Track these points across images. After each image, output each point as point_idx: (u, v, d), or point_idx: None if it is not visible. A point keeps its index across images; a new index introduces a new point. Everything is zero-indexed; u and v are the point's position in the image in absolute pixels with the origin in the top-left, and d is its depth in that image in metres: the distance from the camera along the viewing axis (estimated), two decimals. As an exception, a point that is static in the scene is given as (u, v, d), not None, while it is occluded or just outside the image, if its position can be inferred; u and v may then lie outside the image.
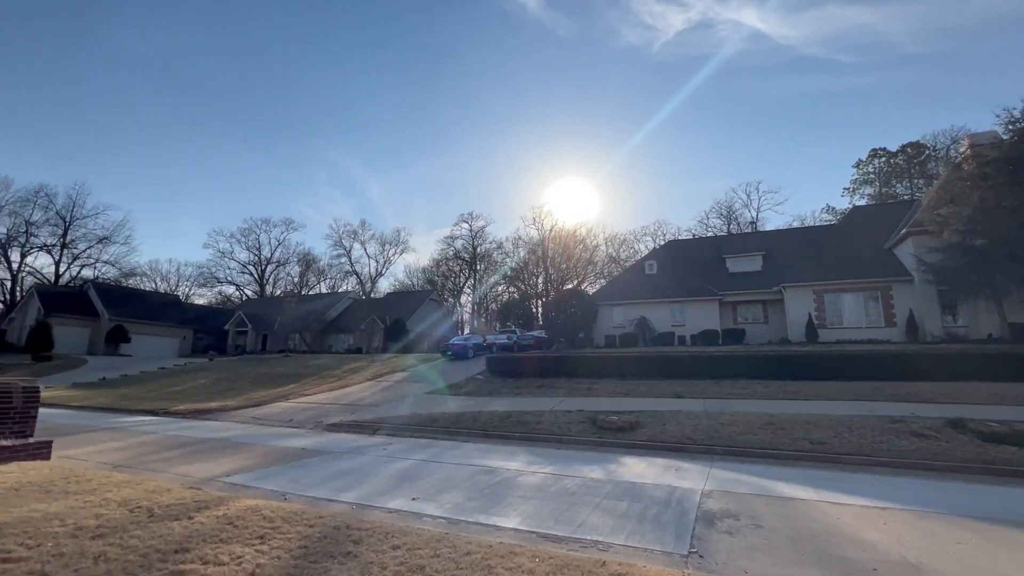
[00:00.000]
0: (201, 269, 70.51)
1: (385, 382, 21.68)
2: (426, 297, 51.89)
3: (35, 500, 5.67)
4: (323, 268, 73.64)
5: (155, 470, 8.03)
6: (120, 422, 14.61)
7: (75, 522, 4.90)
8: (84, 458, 8.86)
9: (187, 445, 10.55)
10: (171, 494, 6.11)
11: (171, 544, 4.36)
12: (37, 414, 8.85)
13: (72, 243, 55.51)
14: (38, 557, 4.00)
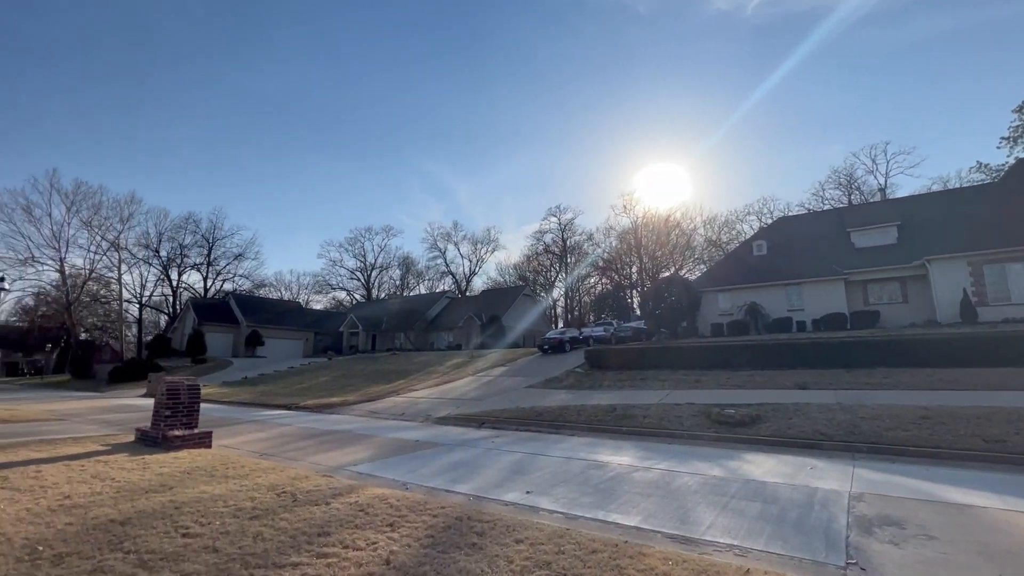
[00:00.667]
0: (316, 277, 78.10)
1: (485, 377, 22.23)
2: (519, 293, 52.55)
3: (203, 483, 6.49)
4: (421, 270, 77.75)
5: (293, 458, 8.87)
6: (261, 415, 16.49)
7: (235, 504, 5.50)
8: (236, 447, 10.05)
9: (316, 436, 11.57)
10: (309, 481, 6.67)
11: (314, 527, 4.71)
12: (199, 408, 10.22)
13: (215, 261, 64.22)
14: (210, 534, 4.52)
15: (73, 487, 6.18)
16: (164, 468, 7.35)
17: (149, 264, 58.72)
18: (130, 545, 4.21)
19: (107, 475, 6.85)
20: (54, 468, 7.28)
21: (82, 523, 4.80)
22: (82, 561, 3.87)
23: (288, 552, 4.09)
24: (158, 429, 9.54)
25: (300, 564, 3.85)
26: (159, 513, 5.13)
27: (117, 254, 51.80)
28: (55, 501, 5.56)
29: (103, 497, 5.75)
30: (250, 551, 4.10)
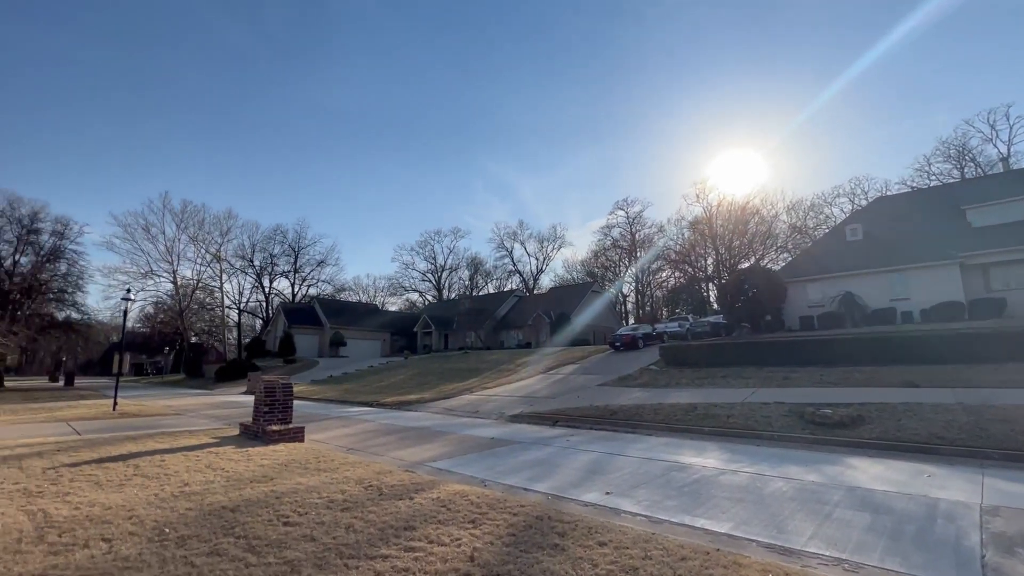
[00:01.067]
0: (390, 280, 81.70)
1: (556, 375, 22.12)
2: (587, 289, 51.83)
3: (299, 475, 6.96)
4: (489, 270, 79.01)
5: (376, 453, 9.30)
6: (346, 412, 17.49)
7: (328, 496, 5.84)
8: (326, 441, 10.72)
9: (397, 432, 12.06)
10: (393, 476, 6.95)
11: (400, 521, 4.88)
12: (292, 405, 11.01)
13: (300, 268, 69.25)
14: (307, 523, 4.82)
15: (191, 475, 6.87)
16: (265, 460, 7.97)
17: (245, 273, 64.55)
18: (240, 531, 4.58)
19: (218, 465, 7.55)
20: (174, 458, 8.14)
21: (199, 509, 5.30)
22: (201, 543, 4.26)
23: (378, 544, 4.26)
24: (258, 424, 10.40)
25: (389, 556, 3.99)
26: (262, 502, 5.55)
27: (218, 265, 57.36)
28: (177, 488, 6.20)
29: (215, 486, 6.33)
30: (343, 542, 4.31)
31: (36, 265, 42.13)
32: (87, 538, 4.39)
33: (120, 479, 6.64)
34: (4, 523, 4.79)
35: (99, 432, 11.72)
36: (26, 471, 7.10)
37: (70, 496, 5.79)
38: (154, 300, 55.90)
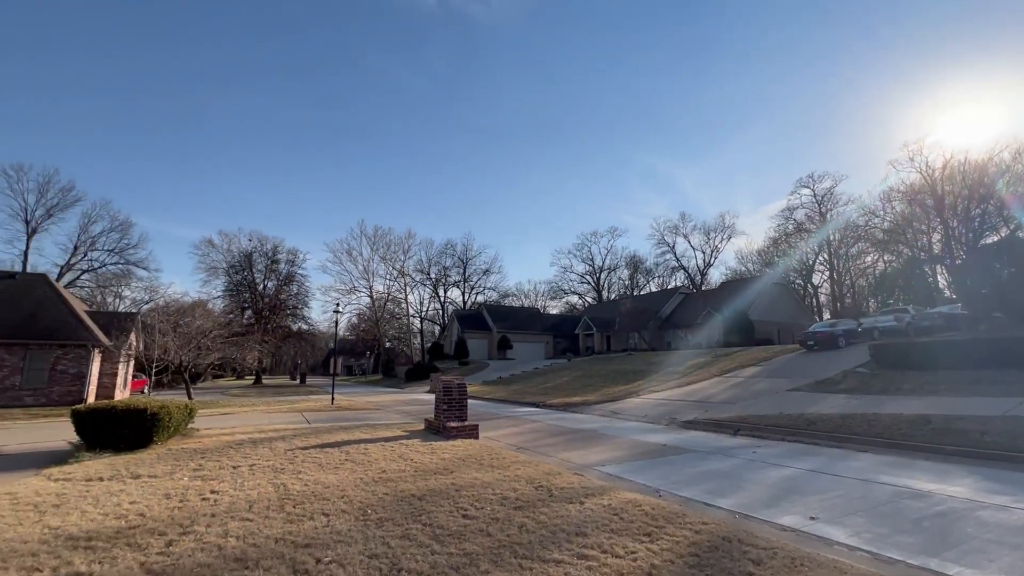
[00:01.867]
0: (550, 284, 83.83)
1: (734, 378, 19.97)
2: (767, 282, 46.09)
3: (475, 470, 7.37)
4: (650, 268, 75.74)
5: (544, 454, 9.42)
6: (514, 412, 18.27)
7: (501, 493, 6.02)
8: (497, 439, 11.26)
9: (563, 434, 12.11)
10: (562, 478, 6.91)
11: (571, 526, 4.76)
12: (467, 404, 11.82)
13: (469, 277, 75.49)
14: (483, 518, 5.01)
15: (387, 464, 7.78)
16: (446, 454, 8.66)
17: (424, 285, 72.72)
18: (426, 519, 4.96)
19: (408, 456, 8.44)
20: (375, 447, 9.35)
21: (394, 494, 5.93)
22: (395, 527, 4.72)
23: (549, 547, 4.20)
24: (439, 420, 11.40)
25: (562, 562, 3.88)
26: (444, 493, 5.97)
27: (402, 280, 65.75)
28: (376, 474, 7.06)
29: (406, 474, 7.05)
30: (516, 540, 4.35)
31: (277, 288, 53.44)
32: (312, 511, 5.21)
33: (336, 463, 7.84)
34: (259, 493, 5.98)
35: (322, 422, 14.18)
36: (274, 451, 8.86)
37: (302, 474, 7.00)
38: (357, 312, 66.41)
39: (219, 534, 4.48)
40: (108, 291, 49.73)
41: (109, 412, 8.98)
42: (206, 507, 5.36)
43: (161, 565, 3.78)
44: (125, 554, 4.00)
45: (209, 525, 4.73)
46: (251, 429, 12.24)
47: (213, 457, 8.24)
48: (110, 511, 5.18)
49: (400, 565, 3.80)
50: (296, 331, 55.04)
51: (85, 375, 22.11)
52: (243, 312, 51.10)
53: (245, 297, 53.08)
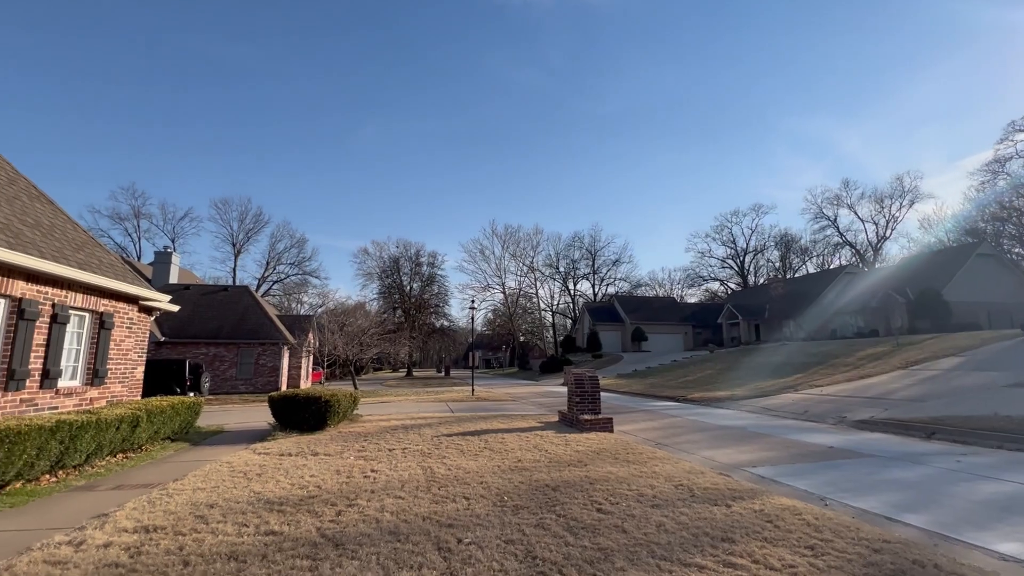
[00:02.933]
0: (686, 271, 78.64)
1: (925, 371, 16.66)
2: (969, 253, 37.54)
3: (609, 463, 7.21)
4: (805, 246, 66.91)
5: (684, 450, 8.84)
6: (651, 405, 17.52)
7: (637, 489, 5.79)
8: (632, 433, 10.89)
9: (706, 430, 11.25)
10: (705, 477, 6.41)
11: (716, 530, 4.38)
12: (600, 397, 11.64)
13: (598, 269, 74.29)
14: (618, 514, 4.86)
15: (522, 453, 8.00)
16: (579, 446, 8.62)
17: (553, 279, 73.48)
18: (560, 510, 4.98)
19: (542, 447, 8.58)
20: (511, 437, 9.69)
21: (528, 483, 6.06)
22: (530, 515, 4.81)
23: (691, 551, 3.91)
24: (572, 412, 11.40)
25: (705, 568, 3.58)
26: (578, 486, 5.94)
27: (533, 275, 67.30)
28: (513, 462, 7.30)
29: (540, 464, 7.17)
30: (654, 540, 4.13)
31: (421, 288, 58.46)
32: (454, 494, 5.56)
33: (475, 450, 8.29)
34: (410, 474, 6.58)
35: (463, 411, 15.14)
36: (422, 437, 9.69)
37: (445, 459, 7.53)
38: (492, 308, 69.72)
39: (377, 508, 5.01)
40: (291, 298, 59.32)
41: (294, 399, 10.66)
42: (367, 484, 6.04)
43: (332, 531, 4.35)
44: (306, 519, 4.68)
45: (369, 500, 5.32)
46: (404, 416, 13.57)
47: (373, 440, 9.30)
48: (296, 482, 6.13)
49: (534, 553, 3.85)
50: (439, 327, 59.79)
51: (279, 368, 26.65)
52: (394, 312, 57.03)
53: (395, 298, 59.17)
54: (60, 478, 6.44)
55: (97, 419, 6.84)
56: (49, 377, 7.53)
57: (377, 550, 3.90)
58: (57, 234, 8.29)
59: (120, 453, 7.82)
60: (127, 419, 7.57)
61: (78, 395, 8.29)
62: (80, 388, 8.36)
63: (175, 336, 25.11)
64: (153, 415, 8.42)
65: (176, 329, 25.35)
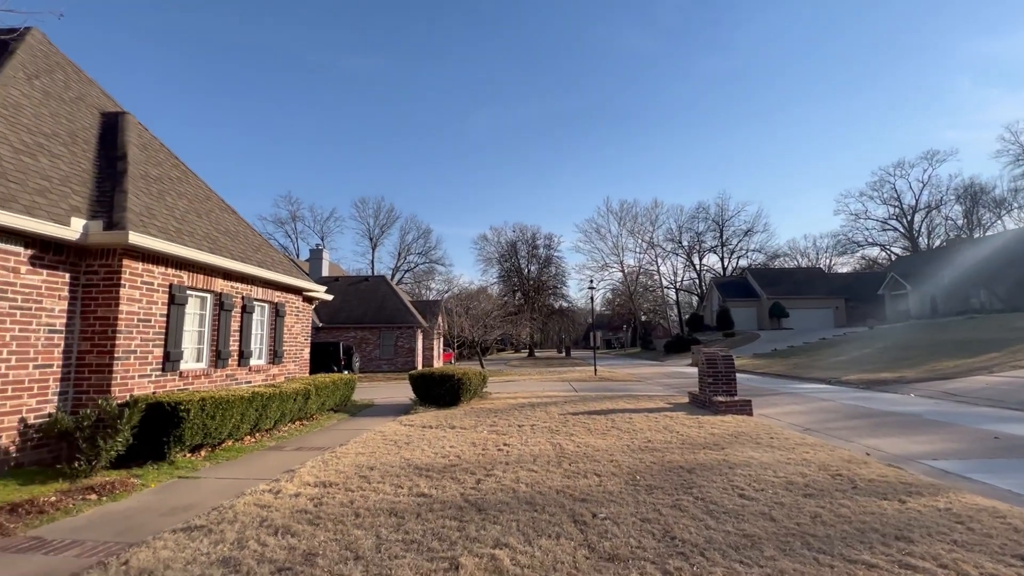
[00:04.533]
0: (836, 237, 68.92)
1: None
2: None
3: (750, 448, 6.71)
4: (1000, 197, 54.57)
5: (841, 438, 7.87)
6: (796, 388, 15.85)
7: (785, 476, 5.32)
8: (775, 417, 9.97)
9: (867, 416, 9.89)
10: (869, 468, 5.66)
11: (888, 527, 3.86)
12: (735, 377, 10.84)
13: (727, 241, 68.50)
14: (764, 500, 4.52)
15: (652, 434, 7.80)
16: (715, 429, 8.15)
17: (676, 254, 69.53)
18: (697, 492, 4.78)
19: (673, 428, 8.27)
20: (639, 417, 9.49)
21: (660, 464, 5.90)
22: (665, 496, 4.69)
23: (856, 546, 3.49)
24: (704, 394, 10.79)
25: (876, 567, 3.18)
26: (715, 469, 5.63)
27: (653, 251, 64.39)
28: (642, 442, 7.16)
29: (672, 445, 6.93)
30: (809, 531, 3.77)
31: (539, 271, 59.38)
32: (585, 470, 5.64)
33: (603, 429, 8.29)
34: (540, 449, 6.81)
35: (587, 391, 15.18)
36: (548, 414, 9.94)
37: (573, 436, 7.65)
38: (610, 287, 68.39)
39: (513, 480, 5.28)
40: (421, 284, 64.26)
41: (431, 376, 11.61)
42: (501, 456, 6.39)
43: (474, 497, 4.69)
44: (450, 485, 5.11)
45: (504, 471, 5.63)
46: (529, 395, 14.03)
47: (503, 416, 9.77)
48: (438, 451, 6.71)
49: (673, 533, 3.75)
50: (558, 308, 60.34)
51: (414, 348, 29.20)
52: (514, 294, 58.80)
53: (514, 281, 60.93)
54: (257, 439, 7.84)
55: (280, 391, 8.17)
56: (244, 357, 9.15)
57: (516, 517, 4.12)
58: (241, 239, 9.95)
59: (296, 421, 9.25)
60: (301, 392, 8.92)
61: (264, 371, 9.95)
62: (265, 366, 10.03)
63: (328, 322, 28.79)
64: (320, 389, 9.80)
65: (329, 316, 29.04)
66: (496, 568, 3.18)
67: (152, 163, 8.95)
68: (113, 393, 6.26)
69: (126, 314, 6.52)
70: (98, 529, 4.06)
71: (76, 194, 6.67)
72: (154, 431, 6.07)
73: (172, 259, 7.32)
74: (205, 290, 8.24)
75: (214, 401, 6.55)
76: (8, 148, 6.20)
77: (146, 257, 6.89)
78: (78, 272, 6.41)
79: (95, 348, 6.34)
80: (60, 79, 8.88)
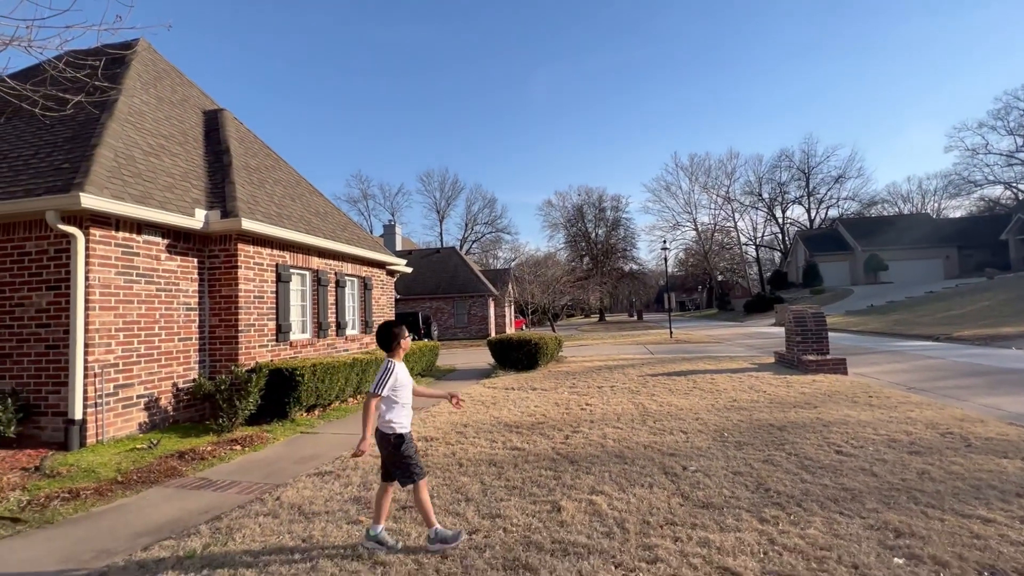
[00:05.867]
0: (948, 177, 60.74)
1: None
2: None
3: (846, 407, 6.46)
4: None
5: (951, 396, 7.31)
6: (896, 346, 14.68)
7: (887, 434, 5.12)
8: (874, 376, 9.39)
9: (984, 374, 9.04)
10: (985, 426, 5.29)
11: (1007, 484, 3.66)
12: (827, 335, 10.28)
13: (815, 190, 62.75)
14: (864, 456, 4.41)
15: (737, 393, 7.69)
16: (805, 388, 7.87)
17: (756, 208, 64.90)
18: (789, 448, 4.74)
19: (759, 387, 8.09)
20: (721, 377, 9.34)
21: (748, 422, 5.86)
22: (755, 451, 4.71)
23: (970, 502, 3.37)
24: (792, 353, 10.35)
25: (993, 521, 3.07)
26: (808, 427, 5.51)
27: (729, 206, 60.65)
28: (727, 401, 7.09)
29: (759, 404, 6.81)
30: (916, 487, 3.67)
31: (607, 234, 58.16)
32: (670, 428, 5.74)
33: (684, 389, 8.27)
34: (622, 408, 6.97)
35: (663, 353, 15.02)
36: (627, 376, 10.03)
37: (655, 396, 7.72)
38: (684, 247, 65.58)
39: (599, 436, 5.51)
40: (488, 254, 65.29)
41: (508, 342, 12.04)
42: (584, 415, 6.64)
43: (564, 450, 4.98)
44: (540, 440, 5.44)
45: (591, 428, 5.87)
46: (604, 358, 14.14)
47: (581, 378, 10.00)
48: (523, 410, 7.08)
49: (767, 485, 3.81)
50: (628, 272, 59.02)
51: (487, 316, 30.08)
52: (582, 259, 58.18)
53: (582, 246, 60.15)
54: (359, 401, 8.66)
55: (375, 357, 8.90)
56: (340, 327, 10.02)
57: (607, 469, 4.35)
58: (330, 219, 10.72)
59: (391, 384, 10.05)
60: (393, 358, 9.65)
61: (358, 340, 10.83)
62: (358, 335, 10.91)
63: (405, 294, 30.30)
64: (408, 355, 10.53)
65: (406, 288, 30.53)
66: (595, 511, 3.43)
67: (250, 154, 9.80)
68: (240, 361, 7.17)
69: (244, 292, 7.36)
70: (248, 472, 4.80)
71: (195, 188, 7.53)
72: (276, 394, 6.91)
73: (276, 241, 8.10)
74: (304, 268, 9.05)
75: (323, 367, 7.31)
76: (140, 151, 7.09)
77: (255, 240, 7.68)
78: (203, 256, 7.30)
79: (223, 323, 7.27)
80: (167, 84, 9.86)
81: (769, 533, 3.02)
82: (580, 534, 3.08)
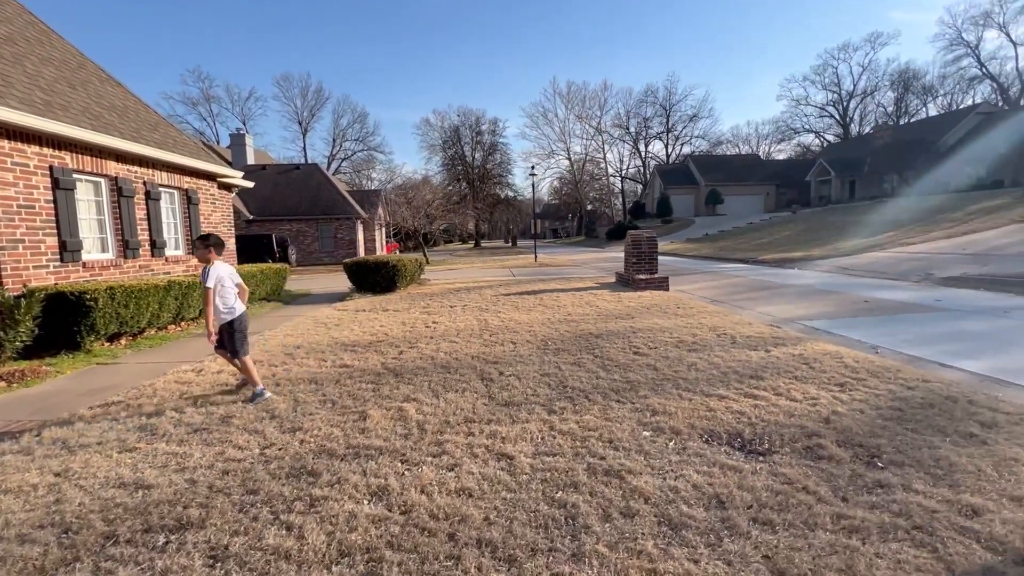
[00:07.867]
0: (777, 124, 69.75)
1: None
2: None
3: (656, 316, 7.41)
4: (929, 84, 56.16)
5: (740, 306, 8.81)
6: (717, 268, 17.15)
7: (678, 336, 6.00)
8: (689, 292, 10.90)
9: (769, 288, 11.00)
10: (751, 327, 6.45)
11: (748, 369, 4.54)
12: (657, 257, 11.53)
13: (673, 127, 67.83)
14: (653, 356, 5.13)
15: (573, 308, 8.38)
16: (631, 303, 8.85)
17: (623, 141, 68.56)
18: (597, 352, 5.33)
19: (593, 303, 8.90)
20: (566, 296, 10.09)
21: (574, 332, 6.45)
22: (569, 356, 5.21)
23: (716, 385, 4.13)
24: (628, 273, 11.50)
25: (726, 398, 3.81)
26: (620, 334, 6.24)
27: (600, 137, 63.26)
28: (563, 316, 7.71)
29: (589, 317, 7.52)
30: (683, 376, 4.39)
31: (484, 158, 57.45)
32: (503, 340, 6.09)
33: (529, 306, 8.80)
34: (466, 325, 7.20)
35: (524, 276, 15.75)
36: (482, 296, 10.35)
37: (500, 313, 8.10)
38: (558, 176, 67.81)
39: (433, 350, 5.65)
40: (361, 175, 60.92)
41: (365, 264, 11.59)
42: (427, 332, 6.74)
43: (394, 365, 5.03)
44: (373, 356, 5.42)
45: (427, 344, 5.99)
46: (467, 280, 14.41)
47: (437, 299, 10.09)
48: (367, 330, 6.96)
49: (567, 383, 4.26)
50: (504, 198, 59.67)
51: (355, 240, 28.55)
52: (459, 183, 57.22)
53: (459, 169, 58.90)
54: (183, 328, 7.77)
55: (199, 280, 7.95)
56: (156, 247, 8.68)
57: (429, 378, 4.50)
58: (131, 116, 8.86)
59: (227, 310, 9.15)
60: (226, 281, 8.71)
61: (183, 263, 9.55)
62: (184, 257, 9.60)
63: (260, 214, 27.26)
64: (249, 278, 9.59)
65: (260, 208, 27.41)
66: (402, 417, 3.55)
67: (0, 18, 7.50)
68: (7, 284, 5.89)
69: (1, 199, 5.90)
70: (11, 410, 4.08)
71: (-100, 54, 5.59)
72: (63, 321, 5.87)
73: (45, 136, 6.50)
74: (96, 174, 7.49)
75: (124, 290, 6.32)
76: None
77: (10, 134, 6.07)
78: (-72, 151, 5.61)
79: (-27, 238, 5.81)
80: None
81: (552, 422, 3.40)
82: (378, 438, 3.17)
